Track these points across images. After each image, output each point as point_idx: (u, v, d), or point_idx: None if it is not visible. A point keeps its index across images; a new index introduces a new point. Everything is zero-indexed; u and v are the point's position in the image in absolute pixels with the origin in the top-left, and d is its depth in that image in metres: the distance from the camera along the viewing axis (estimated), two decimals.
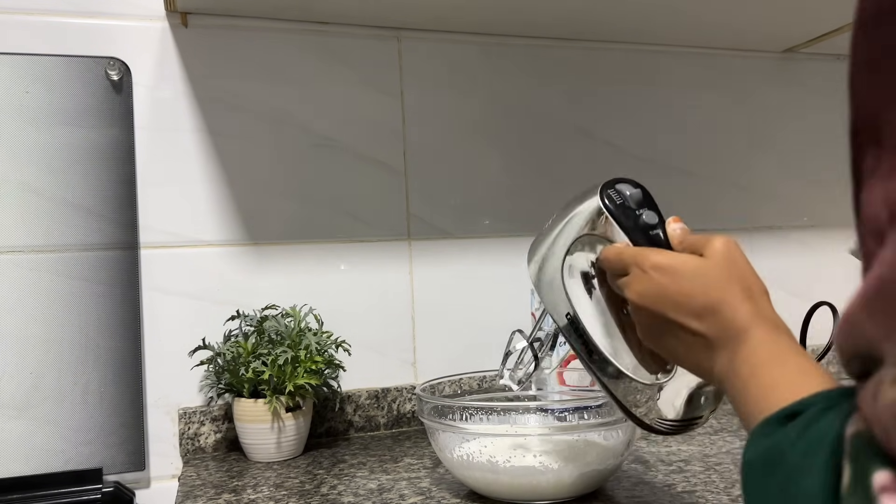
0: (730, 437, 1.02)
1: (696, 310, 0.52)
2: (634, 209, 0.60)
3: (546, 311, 0.79)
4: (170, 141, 1.07)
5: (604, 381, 0.62)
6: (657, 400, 0.60)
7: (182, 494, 0.87)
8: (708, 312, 0.51)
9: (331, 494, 0.84)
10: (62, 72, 1.01)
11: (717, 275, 0.52)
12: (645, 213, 0.60)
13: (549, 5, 1.10)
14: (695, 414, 0.60)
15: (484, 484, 0.78)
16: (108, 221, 1.02)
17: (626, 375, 0.60)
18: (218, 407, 1.05)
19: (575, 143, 1.28)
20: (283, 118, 1.12)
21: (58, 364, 0.98)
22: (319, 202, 1.14)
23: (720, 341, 0.50)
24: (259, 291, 1.09)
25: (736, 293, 0.51)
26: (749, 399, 0.46)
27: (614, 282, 0.60)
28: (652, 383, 0.60)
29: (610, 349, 0.61)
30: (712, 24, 1.24)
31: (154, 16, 1.06)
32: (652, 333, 0.56)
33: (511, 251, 1.23)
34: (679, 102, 1.35)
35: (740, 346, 0.49)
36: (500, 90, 1.24)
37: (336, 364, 1.04)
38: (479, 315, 1.20)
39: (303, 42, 1.13)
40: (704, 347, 0.52)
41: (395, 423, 1.14)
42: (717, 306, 0.51)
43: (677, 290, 0.53)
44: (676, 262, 0.54)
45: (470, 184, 1.22)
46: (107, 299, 1.01)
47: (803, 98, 1.42)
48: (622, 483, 0.83)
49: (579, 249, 0.64)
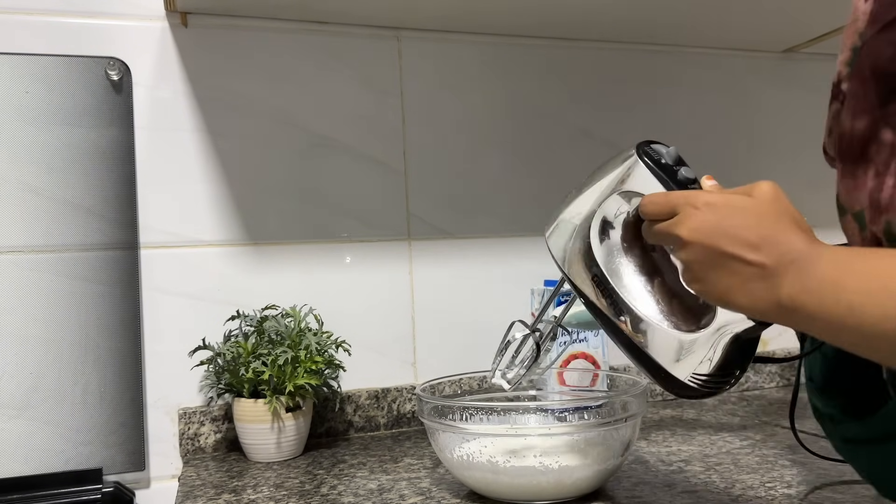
0: (730, 437, 1.02)
1: (752, 241, 0.52)
2: (672, 165, 0.61)
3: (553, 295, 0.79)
4: (170, 141, 1.07)
5: (635, 341, 0.61)
6: (692, 353, 0.59)
7: (182, 494, 0.87)
8: (765, 243, 0.51)
9: (331, 494, 0.84)
10: (62, 72, 1.01)
11: (769, 210, 0.53)
12: (683, 169, 0.60)
13: (549, 6, 1.10)
14: (730, 369, 0.59)
15: (484, 484, 0.78)
16: (108, 221, 1.02)
17: (659, 328, 0.60)
18: (218, 407, 1.05)
19: (575, 143, 1.28)
20: (283, 118, 1.12)
21: (58, 364, 0.98)
22: (319, 202, 1.14)
23: (782, 267, 0.50)
24: (259, 291, 1.09)
25: (789, 225, 0.52)
26: (848, 289, 0.46)
27: (652, 229, 0.59)
28: (687, 332, 0.59)
29: (642, 304, 0.61)
30: (712, 24, 1.24)
31: (154, 16, 1.06)
32: (702, 271, 0.55)
33: (511, 251, 1.23)
34: (679, 102, 1.35)
35: (814, 262, 0.49)
36: (500, 90, 1.24)
37: (336, 364, 1.04)
38: (479, 315, 1.20)
39: (303, 42, 1.13)
40: (762, 277, 0.51)
41: (395, 423, 1.14)
42: (773, 236, 0.51)
43: (731, 223, 0.53)
44: (729, 199, 0.54)
45: (470, 184, 1.22)
46: (107, 299, 1.01)
47: (803, 98, 1.42)
48: (622, 483, 0.83)
49: (610, 206, 0.63)
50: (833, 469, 0.84)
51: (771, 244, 0.51)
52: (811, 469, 0.85)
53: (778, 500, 0.75)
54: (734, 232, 0.52)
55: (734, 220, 0.53)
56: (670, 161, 0.61)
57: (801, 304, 0.48)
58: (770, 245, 0.51)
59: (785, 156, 1.40)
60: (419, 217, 1.19)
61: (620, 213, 0.63)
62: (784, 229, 0.51)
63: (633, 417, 0.78)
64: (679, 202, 0.56)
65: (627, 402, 0.78)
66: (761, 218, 0.52)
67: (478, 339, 1.19)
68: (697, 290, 0.56)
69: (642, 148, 0.62)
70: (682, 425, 1.10)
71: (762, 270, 0.51)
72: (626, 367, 1.27)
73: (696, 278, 0.55)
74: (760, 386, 1.35)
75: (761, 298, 0.51)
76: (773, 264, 0.50)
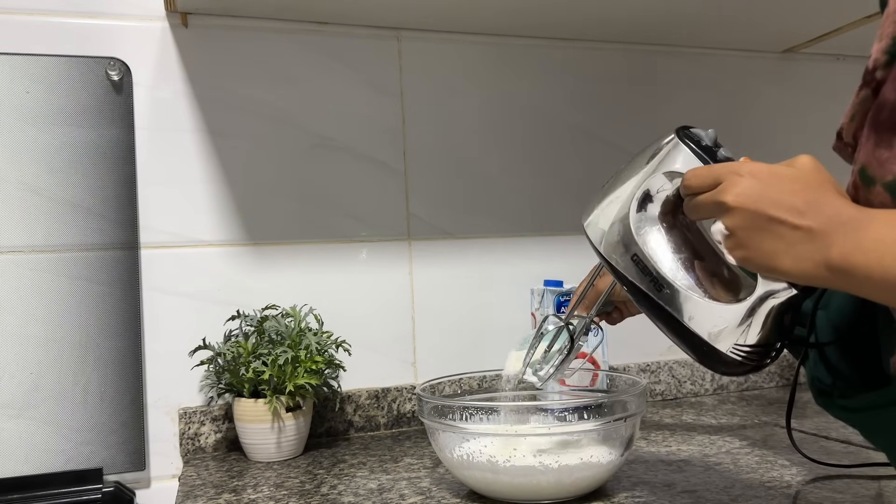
0: (730, 437, 1.02)
1: (797, 206, 0.53)
2: (711, 146, 0.62)
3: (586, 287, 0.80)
4: (170, 141, 1.07)
5: (676, 316, 0.61)
6: (733, 325, 0.59)
7: (182, 494, 0.87)
8: (809, 208, 0.52)
9: (331, 494, 0.84)
10: (62, 72, 1.01)
11: (811, 178, 0.54)
12: (722, 149, 0.62)
13: (549, 6, 1.10)
14: (772, 339, 0.60)
15: (484, 484, 0.78)
16: (109, 221, 1.02)
17: (700, 301, 0.60)
18: (218, 407, 1.05)
19: (575, 143, 1.28)
20: (283, 118, 1.12)
21: (58, 364, 0.98)
22: (319, 202, 1.14)
23: (832, 228, 0.51)
24: (259, 291, 1.09)
25: (831, 191, 0.53)
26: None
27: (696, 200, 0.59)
28: (729, 302, 0.60)
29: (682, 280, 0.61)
30: (712, 24, 1.24)
31: (154, 16, 1.06)
32: (747, 237, 0.55)
33: (511, 251, 1.23)
34: (679, 102, 1.35)
35: (869, 222, 0.49)
36: (500, 90, 1.24)
37: (336, 364, 1.04)
38: (479, 315, 1.21)
39: (303, 42, 1.13)
40: (809, 240, 0.52)
41: (395, 423, 1.14)
42: (817, 201, 0.52)
43: (776, 188, 0.54)
44: (772, 168, 0.56)
45: (470, 184, 1.22)
46: (107, 299, 1.01)
47: (803, 98, 1.42)
48: (622, 483, 0.83)
49: (652, 185, 0.64)
50: (832, 469, 0.84)
51: (816, 209, 0.52)
52: (811, 469, 0.85)
53: (778, 500, 0.75)
54: (779, 197, 0.53)
55: (779, 186, 0.54)
56: (709, 142, 0.62)
57: (856, 263, 0.49)
58: (815, 209, 0.52)
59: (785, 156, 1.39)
60: (419, 217, 1.19)
61: (662, 190, 0.64)
62: (827, 195, 0.53)
63: (633, 417, 0.78)
64: (722, 172, 0.57)
65: (627, 401, 0.78)
66: (805, 185, 0.54)
67: (478, 339, 1.20)
68: (741, 258, 0.56)
69: (682, 131, 0.63)
70: (681, 425, 1.10)
71: (808, 234, 0.52)
72: (626, 367, 1.27)
73: (740, 244, 0.56)
74: (760, 386, 1.35)
75: (808, 260, 0.52)
76: (820, 227, 0.51)
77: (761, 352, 0.60)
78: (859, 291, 0.50)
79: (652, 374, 1.28)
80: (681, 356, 1.29)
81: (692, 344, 0.62)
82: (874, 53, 0.53)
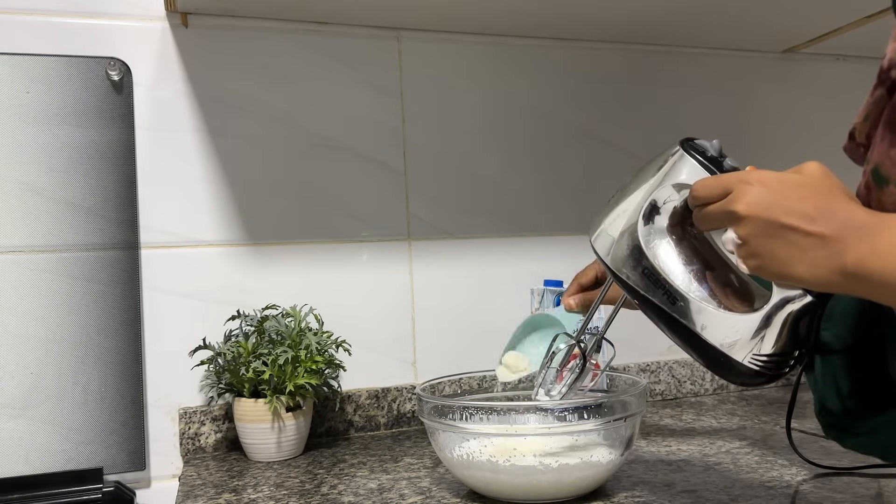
0: (729, 437, 1.02)
1: (808, 212, 0.52)
2: (718, 156, 0.62)
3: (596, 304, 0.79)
4: (170, 141, 1.07)
5: (692, 328, 0.61)
6: (750, 335, 0.59)
7: (182, 494, 0.87)
8: (821, 214, 0.52)
9: (331, 494, 0.84)
10: (62, 72, 1.01)
11: (820, 185, 0.54)
12: (728, 159, 0.62)
13: (549, 6, 1.10)
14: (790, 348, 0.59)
15: (484, 484, 0.78)
16: (109, 221, 1.02)
17: (715, 312, 0.60)
18: (218, 407, 1.05)
19: (575, 143, 1.28)
20: (283, 118, 1.12)
21: (58, 364, 0.98)
22: (319, 202, 1.14)
23: (846, 234, 0.51)
24: (259, 291, 1.09)
25: (842, 197, 0.53)
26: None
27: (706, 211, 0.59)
28: (744, 312, 0.59)
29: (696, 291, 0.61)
30: (712, 24, 1.24)
31: (154, 16, 1.06)
32: (760, 245, 0.55)
33: (511, 251, 1.23)
34: (679, 102, 1.35)
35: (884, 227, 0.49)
36: (500, 90, 1.24)
37: (336, 364, 1.04)
38: (479, 315, 1.21)
39: (303, 42, 1.13)
40: (822, 246, 0.52)
41: (395, 422, 1.14)
42: (829, 207, 0.52)
43: (786, 195, 0.54)
44: (781, 176, 0.55)
45: (470, 184, 1.22)
46: (107, 299, 1.01)
47: (803, 98, 1.42)
48: (622, 483, 0.83)
49: (658, 197, 0.64)
50: (832, 469, 0.84)
51: (828, 215, 0.52)
52: (811, 469, 0.85)
53: (778, 499, 0.75)
54: (790, 204, 0.53)
55: (789, 193, 0.54)
56: (715, 153, 0.62)
57: (872, 268, 0.49)
58: (827, 215, 0.52)
59: (785, 155, 1.40)
60: (419, 217, 1.19)
61: (670, 202, 0.63)
62: (838, 200, 0.53)
63: (633, 417, 0.78)
64: (731, 181, 0.57)
65: (627, 401, 0.78)
66: (814, 191, 0.53)
67: (478, 338, 1.20)
68: (755, 266, 0.56)
69: (687, 143, 0.63)
70: (682, 425, 1.10)
71: (822, 240, 0.52)
72: (626, 367, 1.27)
73: (753, 253, 0.55)
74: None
75: (823, 266, 0.52)
76: (833, 233, 0.51)
77: (778, 361, 0.60)
78: (876, 296, 0.50)
79: (652, 374, 1.28)
80: (681, 356, 1.29)
81: (708, 355, 0.61)
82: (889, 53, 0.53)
